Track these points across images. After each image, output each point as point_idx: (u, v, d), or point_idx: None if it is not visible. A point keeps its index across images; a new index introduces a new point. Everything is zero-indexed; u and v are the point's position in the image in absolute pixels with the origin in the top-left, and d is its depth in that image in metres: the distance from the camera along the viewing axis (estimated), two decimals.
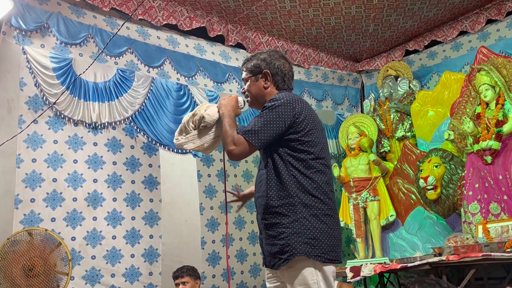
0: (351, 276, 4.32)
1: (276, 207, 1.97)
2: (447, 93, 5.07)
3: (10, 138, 3.71)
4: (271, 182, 2.01)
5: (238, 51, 5.44)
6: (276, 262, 1.97)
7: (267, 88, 2.17)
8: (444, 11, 5.35)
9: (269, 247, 2.00)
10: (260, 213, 2.05)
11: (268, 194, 2.00)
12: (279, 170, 1.99)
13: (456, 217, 4.55)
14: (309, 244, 1.91)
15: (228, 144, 1.98)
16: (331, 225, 1.97)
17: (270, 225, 1.99)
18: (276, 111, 1.98)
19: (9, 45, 3.89)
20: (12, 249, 3.50)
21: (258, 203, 2.08)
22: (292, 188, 1.96)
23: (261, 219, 2.04)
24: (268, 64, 2.19)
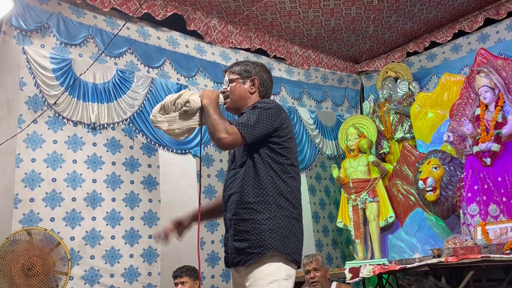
0: (350, 277, 4.32)
1: (252, 203, 2.01)
2: (447, 95, 5.07)
3: (9, 138, 3.71)
4: (248, 179, 2.05)
5: (238, 52, 5.45)
6: (243, 258, 1.98)
7: (252, 94, 2.24)
8: (444, 12, 5.35)
9: (237, 243, 2.01)
10: (232, 208, 2.06)
11: (244, 190, 2.03)
12: (257, 169, 2.05)
13: (455, 219, 4.56)
14: (282, 241, 1.98)
15: (220, 131, 1.98)
16: (299, 229, 2.08)
17: (242, 220, 2.01)
18: (268, 112, 2.06)
19: (9, 45, 3.90)
20: (11, 248, 3.50)
21: (231, 200, 2.08)
22: (268, 187, 2.03)
23: (232, 215, 2.05)
24: (258, 73, 2.27)
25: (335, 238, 5.88)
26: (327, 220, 5.87)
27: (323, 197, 5.94)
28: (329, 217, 5.91)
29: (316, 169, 5.94)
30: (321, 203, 5.88)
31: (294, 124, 5.79)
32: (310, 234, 5.61)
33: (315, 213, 5.76)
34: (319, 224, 5.76)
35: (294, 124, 5.79)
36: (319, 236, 5.70)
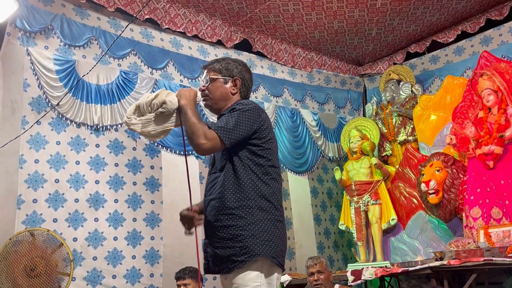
0: (352, 280, 4.32)
1: (233, 208, 1.96)
2: (449, 98, 5.06)
3: (13, 139, 3.73)
4: (228, 184, 2.00)
5: (241, 54, 5.46)
6: (228, 266, 1.94)
7: (233, 94, 2.18)
8: (447, 15, 5.35)
9: (220, 251, 1.97)
10: (213, 214, 2.01)
11: (224, 195, 1.99)
12: (238, 173, 2.00)
13: (457, 222, 4.55)
14: (266, 245, 1.94)
15: (199, 137, 1.93)
16: (282, 231, 2.04)
17: (224, 227, 1.97)
18: (247, 114, 2.01)
19: (14, 46, 3.92)
20: (14, 249, 3.51)
21: (211, 205, 2.04)
22: (249, 191, 1.98)
23: (213, 221, 2.00)
24: (240, 72, 2.21)
25: (336, 240, 5.88)
26: (328, 223, 5.87)
27: (325, 199, 5.93)
28: (330, 219, 5.90)
29: (318, 171, 5.94)
30: (322, 206, 5.88)
31: (297, 126, 5.80)
32: (311, 236, 5.61)
33: (317, 215, 5.76)
34: (320, 226, 5.75)
35: (297, 126, 5.80)
36: (321, 238, 5.69)
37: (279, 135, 5.60)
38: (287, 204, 5.52)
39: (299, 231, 5.52)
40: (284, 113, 5.71)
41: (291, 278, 4.66)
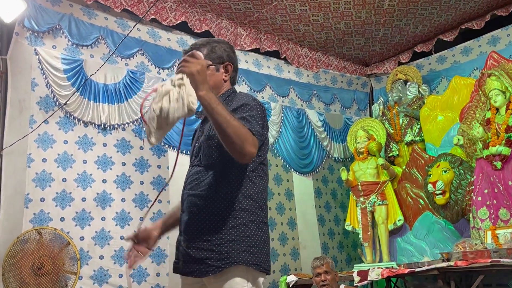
0: (358, 280, 4.31)
1: (216, 209, 1.81)
2: (457, 98, 5.04)
3: (21, 138, 3.75)
4: (214, 182, 1.84)
5: (248, 54, 5.46)
6: (200, 269, 1.79)
7: (226, 82, 2.01)
8: (455, 16, 5.33)
9: (193, 251, 1.81)
10: (192, 212, 1.85)
11: (209, 194, 1.83)
12: (226, 171, 1.84)
13: (464, 223, 4.53)
14: (248, 252, 1.79)
15: (250, 145, 1.70)
16: (266, 233, 1.89)
17: (203, 227, 1.81)
18: (261, 111, 1.87)
19: (22, 46, 3.93)
20: (22, 247, 3.53)
21: (191, 202, 1.87)
22: (235, 191, 1.83)
23: (193, 220, 1.84)
24: (229, 55, 2.01)
25: (341, 241, 5.87)
26: (333, 223, 5.86)
27: (329, 200, 5.92)
28: (335, 220, 5.89)
29: (323, 172, 5.93)
30: (326, 206, 5.86)
31: (303, 126, 5.79)
32: (316, 237, 5.61)
33: (321, 216, 5.75)
34: (324, 227, 5.74)
35: (303, 126, 5.79)
36: (325, 239, 5.69)
37: (285, 135, 5.60)
38: (291, 205, 5.52)
39: (304, 232, 5.52)
40: (290, 113, 5.71)
41: (297, 278, 4.66)
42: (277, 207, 5.36)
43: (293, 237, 5.42)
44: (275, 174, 5.45)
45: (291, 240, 5.39)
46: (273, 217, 5.27)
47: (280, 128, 5.56)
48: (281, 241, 5.29)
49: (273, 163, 5.45)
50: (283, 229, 5.33)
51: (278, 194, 5.42)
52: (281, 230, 5.32)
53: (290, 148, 5.60)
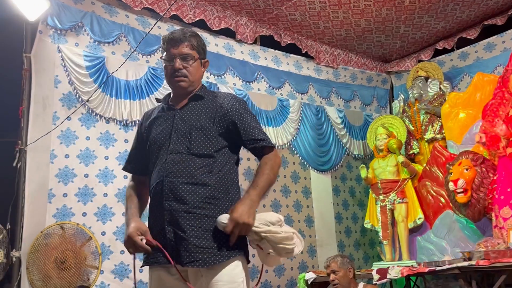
0: (377, 278, 4.28)
1: (219, 199, 1.85)
2: (479, 95, 4.96)
3: (44, 134, 3.81)
4: (217, 172, 1.88)
5: (267, 51, 5.46)
6: (204, 258, 1.77)
7: (201, 78, 2.10)
8: (477, 12, 5.25)
9: (196, 241, 1.78)
10: (193, 200, 1.82)
11: (209, 182, 1.85)
12: (224, 163, 1.93)
13: (486, 222, 4.46)
14: (244, 243, 1.88)
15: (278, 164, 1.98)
16: None
17: (206, 216, 1.82)
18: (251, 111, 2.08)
19: (45, 44, 4.00)
20: (45, 242, 3.60)
21: (189, 190, 1.83)
22: (234, 185, 1.94)
23: (194, 208, 1.81)
24: (205, 52, 2.10)
25: (358, 239, 5.84)
26: (350, 221, 5.82)
27: (347, 197, 5.89)
28: (352, 218, 5.86)
29: (342, 170, 5.90)
30: (344, 204, 5.83)
31: (322, 124, 5.77)
32: (332, 234, 5.59)
33: (338, 214, 5.73)
34: (341, 225, 5.71)
35: (322, 123, 5.77)
36: (341, 237, 5.66)
37: (304, 132, 5.58)
38: (309, 202, 5.51)
39: (321, 230, 5.51)
40: (309, 110, 5.69)
41: (315, 276, 4.65)
42: (294, 204, 5.36)
43: (310, 234, 5.42)
44: (292, 172, 5.44)
45: (308, 237, 5.38)
46: (290, 214, 5.27)
47: (298, 125, 5.54)
48: None
49: (290, 160, 5.45)
50: (300, 226, 5.33)
51: (295, 191, 5.41)
52: (298, 227, 5.31)
53: (308, 145, 5.58)
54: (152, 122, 2.07)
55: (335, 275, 3.77)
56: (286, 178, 5.37)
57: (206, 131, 1.93)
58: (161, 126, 2.01)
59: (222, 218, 1.78)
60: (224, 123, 1.96)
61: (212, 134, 1.93)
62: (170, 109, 2.04)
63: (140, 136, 2.13)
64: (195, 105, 2.01)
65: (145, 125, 2.11)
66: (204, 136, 1.92)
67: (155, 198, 1.92)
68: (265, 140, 1.96)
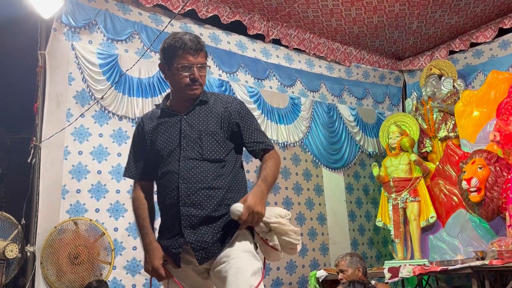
0: (389, 277, 4.27)
1: (229, 199, 1.92)
2: (494, 93, 4.90)
3: (58, 131, 3.86)
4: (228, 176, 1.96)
5: (279, 48, 5.45)
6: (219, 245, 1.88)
7: None
8: (492, 7, 5.18)
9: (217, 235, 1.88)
10: (210, 204, 1.89)
11: (223, 185, 1.93)
12: (232, 166, 2.00)
13: (500, 221, 4.41)
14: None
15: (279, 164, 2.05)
16: None
17: (223, 216, 1.91)
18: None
19: (59, 41, 4.04)
20: (59, 237, 3.65)
21: (205, 195, 1.89)
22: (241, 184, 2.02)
23: (211, 212, 1.89)
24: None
25: (371, 237, 5.81)
26: (364, 219, 5.80)
27: (360, 195, 5.87)
28: (366, 216, 5.84)
29: (355, 168, 5.88)
30: (357, 202, 5.82)
31: (334, 122, 5.75)
32: (345, 232, 5.58)
33: (351, 212, 5.72)
34: (355, 223, 5.70)
35: (334, 121, 5.75)
36: (355, 235, 5.64)
37: (315, 130, 5.57)
38: (321, 200, 5.50)
39: (333, 227, 5.50)
40: (320, 108, 5.67)
41: (327, 274, 4.64)
42: (306, 202, 5.35)
43: (323, 232, 5.41)
44: (304, 169, 5.43)
45: (321, 235, 5.37)
46: (302, 212, 5.26)
47: (310, 123, 5.53)
48: (310, 236, 5.28)
49: (302, 158, 5.44)
50: (312, 224, 5.32)
51: (307, 189, 5.40)
52: (311, 225, 5.31)
53: (319, 143, 5.57)
54: (155, 128, 2.06)
55: (343, 274, 3.75)
56: (298, 175, 5.36)
57: (216, 136, 1.98)
58: (167, 132, 2.02)
59: (237, 206, 1.82)
60: (230, 126, 2.02)
61: (221, 139, 1.99)
62: (173, 115, 2.04)
63: (142, 141, 2.10)
64: (201, 110, 2.03)
65: (147, 130, 2.08)
66: (214, 141, 1.97)
67: (170, 204, 1.96)
68: (264, 142, 2.05)
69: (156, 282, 2.05)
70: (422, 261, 4.64)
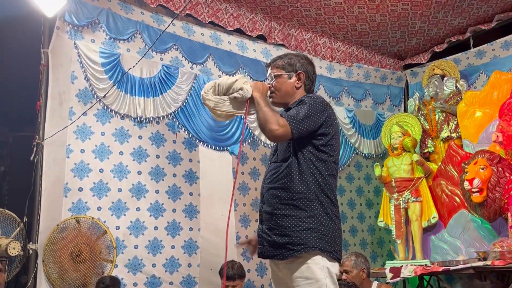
0: (390, 277, 4.27)
1: (294, 200, 2.03)
2: (496, 94, 4.89)
3: (61, 129, 3.87)
4: (291, 175, 2.06)
5: (280, 49, 5.44)
6: (282, 253, 2.01)
7: (298, 88, 2.25)
8: (495, 8, 5.17)
9: (277, 237, 2.03)
10: (272, 203, 2.08)
11: (287, 186, 2.05)
12: (301, 166, 2.06)
13: (502, 222, 4.40)
14: (323, 240, 2.00)
15: (272, 123, 2.02)
16: (339, 226, 2.11)
17: (283, 216, 2.04)
18: (315, 107, 2.09)
19: (62, 40, 4.04)
20: (61, 235, 3.66)
21: (270, 194, 2.10)
22: (311, 184, 2.05)
23: (273, 209, 2.07)
24: (303, 66, 2.28)
25: (364, 238, 5.79)
26: (356, 220, 5.76)
27: (353, 197, 5.82)
28: (358, 217, 5.79)
29: (349, 169, 5.82)
30: (350, 204, 5.75)
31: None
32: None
33: (342, 213, 5.62)
34: (345, 224, 5.60)
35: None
36: (345, 236, 5.56)
37: None
38: None
39: None
40: None
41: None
42: None
43: None
44: None
45: None
46: None
47: None
48: None
49: None
50: None
51: None
52: None
53: None
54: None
55: (347, 274, 3.73)
56: None
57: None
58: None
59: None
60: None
61: (291, 141, 2.12)
62: None
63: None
64: None
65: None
66: (286, 143, 2.15)
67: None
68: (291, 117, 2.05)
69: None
70: (424, 262, 4.64)
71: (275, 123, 2.01)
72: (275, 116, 2.04)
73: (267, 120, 2.03)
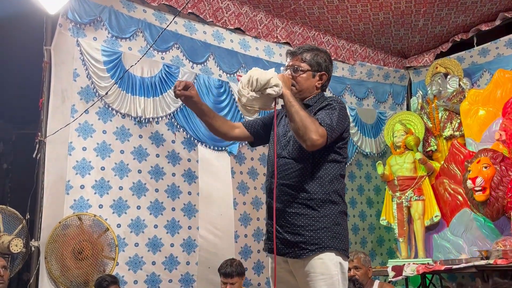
0: (392, 275, 4.26)
1: (308, 199, 2.03)
2: (500, 92, 4.86)
3: (63, 127, 3.87)
4: (307, 175, 2.06)
5: (283, 47, 5.42)
6: (295, 251, 2.02)
7: (317, 88, 2.23)
8: (500, 5, 5.14)
9: (288, 235, 2.04)
10: (284, 200, 2.06)
11: (301, 185, 2.05)
12: (317, 166, 2.07)
13: (505, 220, 4.39)
14: (337, 239, 2.03)
15: (313, 132, 1.93)
16: (346, 223, 2.15)
17: (294, 214, 2.04)
18: (343, 113, 2.09)
19: (65, 37, 4.04)
20: (63, 232, 3.67)
21: (282, 191, 2.07)
22: (326, 185, 2.06)
23: (284, 206, 2.06)
24: (327, 67, 2.26)
25: (365, 236, 5.77)
26: (357, 219, 5.74)
27: (354, 195, 5.80)
28: (360, 216, 5.77)
29: (350, 168, 5.80)
30: (351, 202, 5.72)
31: None
32: None
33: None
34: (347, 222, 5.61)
35: None
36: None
37: None
38: None
39: None
40: None
41: None
42: None
43: None
44: None
45: None
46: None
47: None
48: None
49: None
50: None
51: None
52: None
53: None
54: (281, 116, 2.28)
55: (356, 271, 3.74)
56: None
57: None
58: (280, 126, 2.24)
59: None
60: None
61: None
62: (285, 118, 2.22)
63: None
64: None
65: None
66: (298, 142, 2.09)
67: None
68: (329, 125, 2.01)
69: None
70: (426, 260, 4.64)
71: (316, 132, 1.93)
72: (314, 124, 1.95)
73: (307, 128, 1.93)
